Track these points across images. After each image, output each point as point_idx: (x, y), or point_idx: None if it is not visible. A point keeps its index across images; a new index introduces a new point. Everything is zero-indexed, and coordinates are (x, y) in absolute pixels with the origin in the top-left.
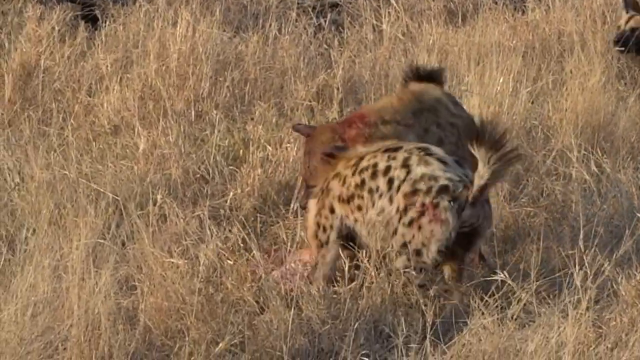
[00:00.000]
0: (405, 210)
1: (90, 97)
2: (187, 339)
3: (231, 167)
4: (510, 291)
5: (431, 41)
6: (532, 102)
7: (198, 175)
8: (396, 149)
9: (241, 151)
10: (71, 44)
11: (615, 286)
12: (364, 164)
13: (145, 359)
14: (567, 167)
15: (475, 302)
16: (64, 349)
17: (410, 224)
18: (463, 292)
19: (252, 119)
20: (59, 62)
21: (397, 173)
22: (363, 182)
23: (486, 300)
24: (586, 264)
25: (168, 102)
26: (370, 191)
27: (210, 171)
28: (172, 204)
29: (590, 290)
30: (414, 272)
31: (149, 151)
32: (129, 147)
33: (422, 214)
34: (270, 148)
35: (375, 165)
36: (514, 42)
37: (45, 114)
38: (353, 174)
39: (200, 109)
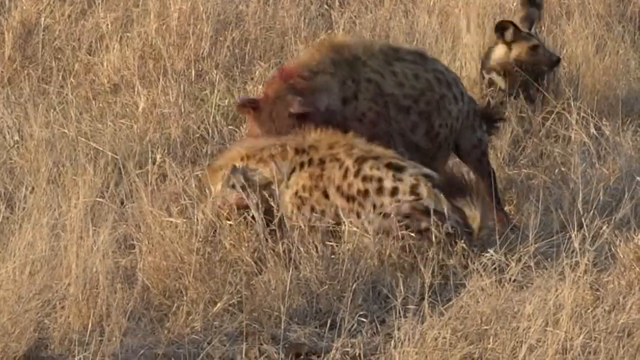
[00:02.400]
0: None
1: (90, 55)
2: (185, 298)
3: (231, 127)
4: (508, 252)
5: (432, 2)
6: None
7: (197, 135)
8: (400, 169)
9: None
10: (71, 2)
11: (613, 249)
12: (367, 170)
13: (143, 318)
14: (566, 129)
15: (473, 263)
16: (62, 307)
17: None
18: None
19: (252, 78)
20: (59, 20)
21: (405, 198)
22: (367, 192)
23: (484, 262)
24: (585, 227)
25: (168, 62)
26: (375, 207)
27: (210, 131)
28: (172, 163)
29: (588, 253)
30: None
31: (149, 110)
32: (128, 106)
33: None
34: None
35: (380, 180)
36: (515, 4)
37: (45, 72)
38: (356, 175)
39: (200, 69)
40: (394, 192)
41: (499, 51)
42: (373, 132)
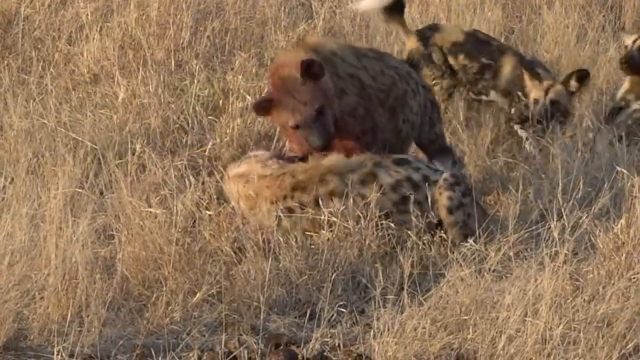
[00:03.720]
0: None
1: (70, 45)
2: (164, 288)
3: (210, 117)
4: (488, 242)
5: None
6: None
7: (177, 125)
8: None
9: (221, 101)
10: None
11: (593, 239)
12: None
13: (122, 308)
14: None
15: (453, 253)
16: (41, 297)
17: None
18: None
19: (232, 69)
20: (39, 10)
21: None
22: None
23: (464, 252)
24: (564, 217)
25: (148, 52)
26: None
27: (190, 121)
28: (151, 153)
29: (567, 243)
30: None
31: (129, 100)
32: (108, 97)
33: None
34: (249, 98)
35: None
36: None
37: (24, 62)
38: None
39: (180, 59)
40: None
41: None
42: (363, 128)
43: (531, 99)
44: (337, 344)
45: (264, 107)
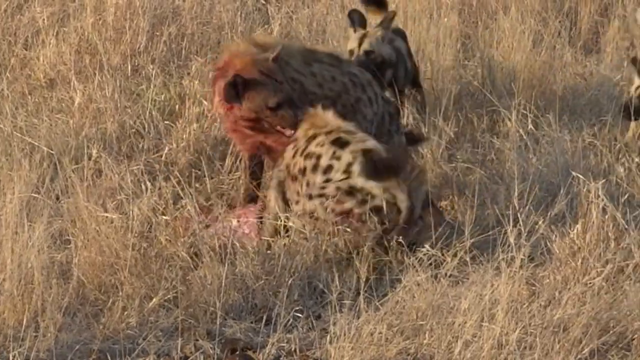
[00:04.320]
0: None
1: (26, 50)
2: (120, 293)
3: (167, 122)
4: (444, 248)
5: None
6: (469, 60)
7: (134, 130)
8: (343, 145)
9: (177, 106)
10: None
11: (549, 244)
12: (311, 147)
13: (78, 313)
14: (503, 124)
15: (409, 258)
16: None
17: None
18: None
19: (189, 73)
20: None
21: (337, 176)
22: (304, 170)
23: (420, 257)
24: (520, 222)
25: (104, 56)
26: (308, 184)
27: (146, 126)
28: (107, 158)
29: (524, 248)
30: None
31: (85, 105)
32: (64, 101)
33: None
34: (206, 103)
35: (319, 157)
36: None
37: None
38: (302, 153)
39: (136, 64)
40: (328, 170)
41: None
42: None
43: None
44: (293, 349)
45: (235, 92)
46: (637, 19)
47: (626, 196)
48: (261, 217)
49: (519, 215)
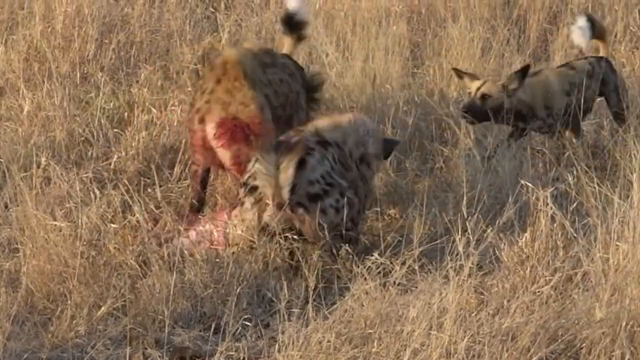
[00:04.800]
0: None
1: None
2: (69, 302)
3: (116, 130)
4: (393, 256)
5: (317, 6)
6: (417, 68)
7: (82, 138)
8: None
9: (126, 114)
10: None
11: (497, 252)
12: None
13: (27, 322)
14: (452, 133)
15: (357, 267)
16: None
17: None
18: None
19: (138, 81)
20: None
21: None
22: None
23: (369, 266)
24: (469, 230)
25: (53, 64)
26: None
27: (95, 134)
28: (56, 166)
29: (472, 257)
30: None
31: (34, 113)
32: (13, 109)
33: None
34: (155, 111)
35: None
36: (400, 7)
37: None
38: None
39: (85, 71)
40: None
41: None
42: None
43: None
44: (242, 358)
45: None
46: (573, 39)
47: (575, 204)
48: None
49: (467, 223)
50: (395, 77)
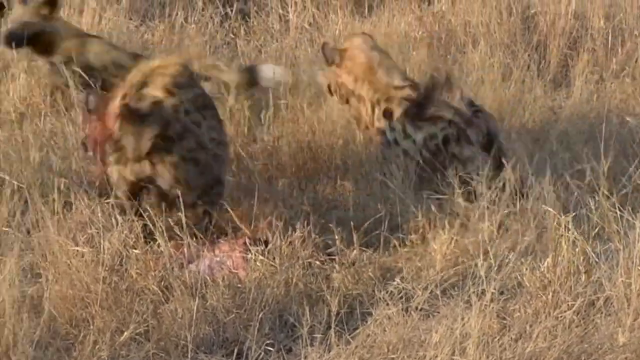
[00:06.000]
0: None
1: None
2: (91, 327)
3: None
4: (415, 281)
5: (337, 31)
6: None
7: None
8: None
9: None
10: None
11: (519, 277)
12: None
13: (49, 347)
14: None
15: (379, 292)
16: None
17: None
18: None
19: None
20: None
21: None
22: None
23: (391, 291)
24: (490, 255)
25: (75, 91)
26: None
27: None
28: (76, 192)
29: (494, 281)
30: None
31: (55, 139)
32: (36, 133)
33: None
34: None
35: None
36: (420, 32)
37: None
38: None
39: None
40: None
41: None
42: None
43: None
44: None
45: None
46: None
47: (596, 230)
48: (247, 252)
49: (489, 248)
50: None
